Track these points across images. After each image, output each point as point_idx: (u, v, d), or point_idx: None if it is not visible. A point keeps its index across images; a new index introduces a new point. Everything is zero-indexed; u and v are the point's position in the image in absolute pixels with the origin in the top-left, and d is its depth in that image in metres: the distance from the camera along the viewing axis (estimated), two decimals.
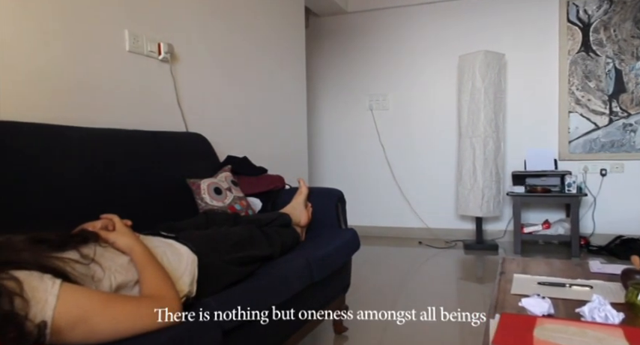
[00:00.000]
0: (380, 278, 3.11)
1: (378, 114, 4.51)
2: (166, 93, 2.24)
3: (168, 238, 1.27)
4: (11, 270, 0.79)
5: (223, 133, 2.60)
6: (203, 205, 1.91)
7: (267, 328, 1.35)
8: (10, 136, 1.38)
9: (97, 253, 1.01)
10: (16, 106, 1.55)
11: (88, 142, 1.63)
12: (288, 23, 3.50)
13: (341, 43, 4.60)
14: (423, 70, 4.34)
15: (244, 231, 1.50)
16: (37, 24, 1.64)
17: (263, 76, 3.13)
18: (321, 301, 1.80)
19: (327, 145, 4.72)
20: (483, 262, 3.51)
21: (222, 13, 2.70)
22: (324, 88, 4.70)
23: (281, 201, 2.12)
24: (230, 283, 1.28)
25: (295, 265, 1.52)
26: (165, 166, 1.92)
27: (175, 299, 1.00)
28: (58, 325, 0.79)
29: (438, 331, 2.14)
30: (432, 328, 2.16)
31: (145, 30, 2.10)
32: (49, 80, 1.68)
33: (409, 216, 4.42)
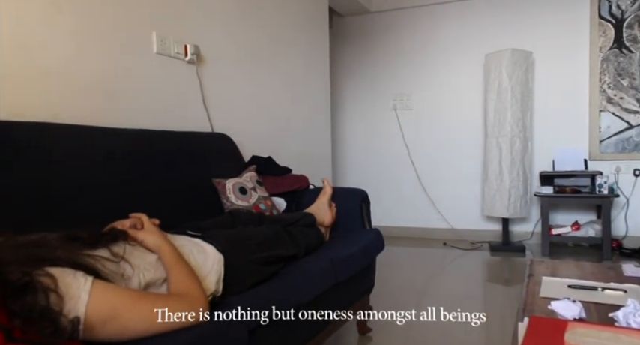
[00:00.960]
0: (404, 279, 3.09)
1: (402, 114, 4.48)
2: (192, 94, 2.28)
3: (195, 237, 1.29)
4: (46, 267, 0.81)
5: (248, 133, 2.63)
6: (228, 204, 1.93)
7: (292, 328, 1.36)
8: (41, 136, 1.42)
9: (126, 251, 1.03)
10: (48, 108, 1.60)
11: (116, 143, 1.67)
12: (313, 24, 3.51)
13: (365, 42, 4.58)
14: (448, 69, 4.29)
15: (269, 231, 1.51)
16: (71, 29, 1.69)
17: (287, 76, 3.15)
18: (346, 301, 1.80)
19: (351, 145, 4.71)
20: (510, 263, 3.45)
21: (247, 15, 2.72)
22: (348, 88, 4.69)
23: (305, 201, 2.13)
24: (255, 282, 1.29)
25: (319, 265, 1.52)
26: (191, 167, 1.94)
27: (202, 298, 1.01)
28: (90, 321, 0.81)
29: (464, 332, 2.11)
30: (457, 329, 2.13)
31: (171, 32, 2.13)
32: (80, 82, 1.72)
33: (433, 216, 4.38)
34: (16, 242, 0.86)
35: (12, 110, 1.47)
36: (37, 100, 1.57)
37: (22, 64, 1.52)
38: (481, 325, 2.23)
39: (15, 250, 0.81)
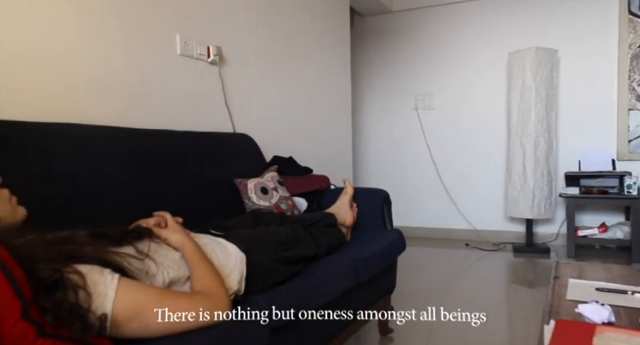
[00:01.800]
0: (426, 280, 3.06)
1: (424, 113, 4.44)
2: (215, 94, 2.30)
3: (217, 237, 1.30)
4: (75, 264, 0.82)
5: (269, 133, 2.64)
6: (250, 204, 1.94)
7: (313, 328, 1.36)
8: (68, 137, 1.46)
9: (151, 249, 1.04)
10: (74, 108, 1.63)
11: (140, 143, 1.70)
12: (333, 23, 3.51)
13: (386, 42, 4.56)
14: (470, 69, 4.24)
15: (291, 230, 1.51)
16: (97, 31, 1.72)
17: (308, 76, 3.15)
18: (367, 301, 1.79)
19: (372, 145, 4.69)
20: (534, 265, 3.39)
21: (268, 15, 2.73)
22: (369, 88, 4.67)
23: (326, 201, 2.13)
24: (277, 282, 1.29)
25: (341, 265, 1.52)
26: (213, 166, 1.97)
27: (225, 296, 1.01)
28: (117, 319, 0.82)
29: (487, 334, 2.08)
30: (480, 331, 2.10)
31: (194, 34, 2.16)
32: (105, 84, 1.75)
33: (455, 217, 4.33)
34: (45, 240, 0.88)
35: (39, 110, 1.51)
36: (63, 101, 1.60)
37: (49, 66, 1.56)
38: (505, 327, 2.20)
39: (45, 248, 0.83)
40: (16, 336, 0.67)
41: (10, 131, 1.31)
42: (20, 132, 1.33)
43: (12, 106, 1.44)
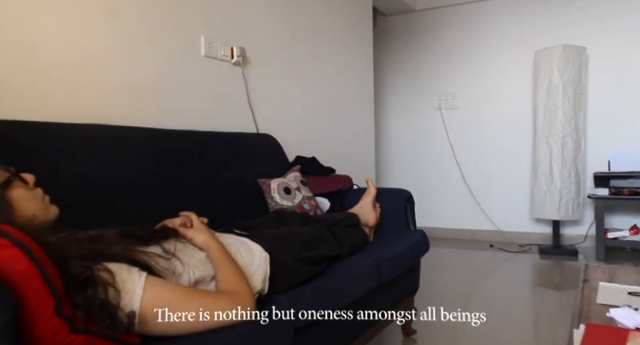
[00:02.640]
0: (450, 281, 3.03)
1: (447, 113, 4.39)
2: (238, 95, 2.32)
3: (241, 236, 1.31)
4: (105, 262, 0.84)
5: (292, 133, 2.65)
6: (273, 204, 1.95)
7: (336, 328, 1.36)
8: (97, 137, 1.49)
9: (177, 249, 1.05)
10: (103, 110, 1.67)
11: (165, 144, 1.72)
12: (356, 23, 3.50)
13: (409, 41, 4.53)
14: (494, 68, 4.17)
15: (314, 230, 1.51)
16: (125, 34, 1.76)
17: (331, 76, 3.15)
18: (390, 302, 1.78)
19: (395, 145, 4.66)
20: (561, 267, 3.32)
21: (291, 16, 2.74)
22: (392, 88, 4.64)
23: (349, 201, 2.12)
24: (300, 281, 1.29)
25: (364, 266, 1.52)
26: (237, 166, 1.98)
27: (250, 296, 1.02)
28: (144, 316, 0.84)
29: (512, 336, 2.04)
30: (505, 333, 2.07)
31: (218, 35, 2.18)
32: (132, 86, 1.79)
33: (479, 218, 4.27)
34: (77, 238, 0.91)
35: (70, 112, 1.54)
36: (92, 101, 1.64)
37: (79, 67, 1.60)
38: (531, 331, 2.16)
39: (77, 246, 0.85)
40: (50, 331, 0.69)
41: (43, 132, 1.35)
42: (52, 133, 1.37)
43: (46, 108, 1.48)
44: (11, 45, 1.41)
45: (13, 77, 1.41)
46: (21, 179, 0.92)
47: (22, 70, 1.43)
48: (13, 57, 1.41)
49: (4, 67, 1.39)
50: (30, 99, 1.46)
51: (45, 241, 0.77)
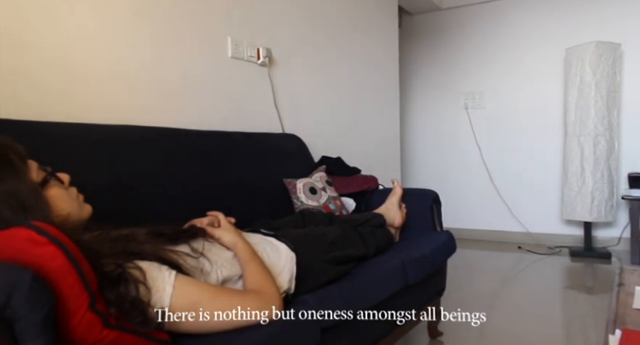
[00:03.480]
0: (477, 283, 2.98)
1: (474, 113, 4.32)
2: (264, 95, 2.34)
3: (268, 236, 1.32)
4: (136, 260, 0.86)
5: (317, 133, 2.65)
6: (299, 204, 1.96)
7: (362, 328, 1.36)
8: (127, 138, 1.53)
9: (205, 248, 1.07)
10: (133, 111, 1.71)
11: (193, 144, 1.75)
12: (382, 23, 3.48)
13: (435, 40, 4.48)
14: (523, 66, 4.09)
15: (340, 230, 1.51)
16: (154, 36, 1.79)
17: (356, 76, 3.15)
18: (416, 303, 1.76)
19: (420, 146, 4.62)
20: (593, 271, 3.22)
21: (316, 16, 2.75)
22: (417, 88, 4.60)
23: (374, 201, 2.11)
24: (327, 281, 1.29)
25: (390, 267, 1.51)
26: (263, 166, 2.00)
27: (277, 295, 1.03)
28: (174, 313, 0.85)
29: (542, 340, 2.00)
30: (534, 336, 2.03)
31: (245, 36, 2.20)
32: (160, 86, 1.82)
33: (507, 219, 4.19)
34: (109, 236, 0.93)
35: (100, 113, 1.59)
36: (122, 103, 1.68)
37: (110, 69, 1.64)
38: (561, 335, 2.11)
39: (110, 244, 0.87)
40: (85, 326, 0.71)
41: (75, 133, 1.39)
42: (83, 133, 1.41)
43: (77, 109, 1.52)
44: (44, 47, 1.46)
45: (45, 79, 1.46)
46: (57, 179, 0.95)
47: (54, 72, 1.48)
48: (46, 59, 1.46)
49: (37, 68, 1.44)
50: (62, 100, 1.50)
51: (79, 239, 0.79)
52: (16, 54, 1.38)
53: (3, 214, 0.79)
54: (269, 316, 0.97)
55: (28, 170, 0.88)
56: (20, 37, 1.39)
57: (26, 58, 1.41)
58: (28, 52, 1.41)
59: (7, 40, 1.36)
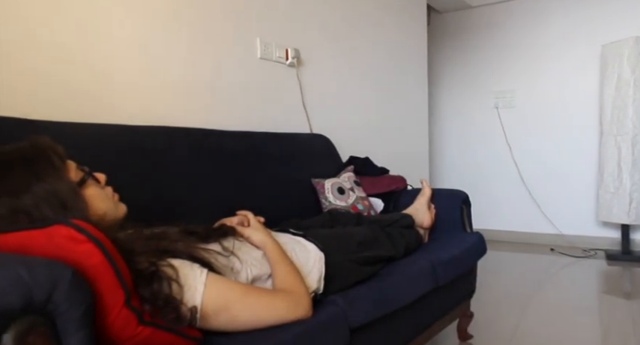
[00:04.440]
0: (508, 285, 2.92)
1: (504, 112, 4.24)
2: (293, 96, 2.35)
3: (296, 236, 1.33)
4: (168, 258, 0.88)
5: (345, 133, 2.65)
6: (327, 204, 1.96)
7: (391, 329, 1.35)
8: (162, 139, 1.56)
9: (235, 247, 1.08)
10: (165, 112, 1.75)
11: (222, 144, 1.77)
12: (410, 22, 3.45)
13: (464, 39, 4.41)
14: (556, 64, 3.98)
15: (368, 231, 1.51)
16: (187, 39, 1.83)
17: (385, 76, 3.13)
18: (445, 305, 1.74)
19: (449, 145, 4.56)
20: (631, 275, 3.11)
21: (344, 15, 2.75)
22: (447, 87, 4.54)
23: (403, 202, 2.10)
24: (355, 281, 1.29)
25: (419, 268, 1.49)
26: (291, 166, 2.01)
27: (306, 295, 1.03)
28: (205, 311, 0.86)
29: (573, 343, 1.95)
30: (567, 342, 1.97)
31: (274, 37, 2.22)
32: (193, 88, 1.86)
33: (539, 220, 4.09)
34: (143, 235, 0.95)
35: (135, 114, 1.63)
36: (155, 104, 1.72)
37: (143, 72, 1.68)
38: (597, 341, 2.04)
39: (143, 242, 0.90)
40: (121, 322, 0.72)
41: (111, 133, 1.43)
42: (119, 134, 1.45)
43: (112, 110, 1.57)
44: (80, 50, 1.50)
45: (81, 81, 1.51)
46: (94, 178, 0.98)
47: (89, 75, 1.52)
48: (81, 62, 1.51)
49: (72, 71, 1.48)
50: (97, 102, 1.55)
51: (115, 237, 0.81)
52: (53, 57, 1.43)
53: (44, 212, 0.82)
54: (299, 316, 0.98)
55: (67, 170, 0.91)
56: (54, 39, 1.44)
57: (61, 61, 1.45)
58: (63, 54, 1.46)
59: (42, 43, 1.41)
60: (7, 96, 1.33)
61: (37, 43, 1.40)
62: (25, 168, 0.85)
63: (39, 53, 1.40)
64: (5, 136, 1.01)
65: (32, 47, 1.39)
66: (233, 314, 0.90)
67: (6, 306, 0.54)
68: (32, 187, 0.83)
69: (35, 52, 1.39)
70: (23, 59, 1.37)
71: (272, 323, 0.95)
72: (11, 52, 1.34)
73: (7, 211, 0.80)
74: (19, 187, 0.82)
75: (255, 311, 0.93)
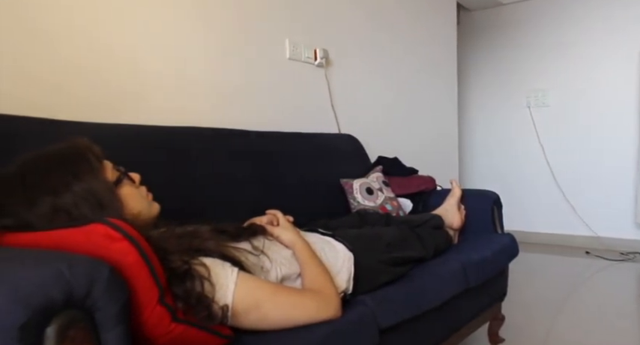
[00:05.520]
0: (541, 288, 2.85)
1: (537, 111, 4.13)
2: (321, 96, 2.36)
3: (326, 236, 1.33)
4: (200, 257, 0.90)
5: (374, 133, 2.64)
6: (355, 204, 1.96)
7: (420, 331, 1.34)
8: (192, 140, 1.59)
9: (265, 246, 1.08)
10: (194, 113, 1.78)
11: (252, 144, 1.79)
12: (439, 21, 3.41)
13: (495, 37, 4.33)
14: (593, 62, 3.85)
15: (397, 231, 1.49)
16: (216, 40, 1.86)
17: (413, 75, 3.10)
18: (476, 308, 1.71)
19: (479, 145, 4.48)
20: None
21: (372, 15, 2.74)
22: (476, 86, 4.47)
23: (432, 203, 2.07)
24: (384, 282, 1.28)
25: (449, 269, 1.47)
26: (320, 166, 2.01)
27: (335, 295, 1.03)
28: (236, 310, 0.87)
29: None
30: None
31: (302, 38, 2.23)
32: (222, 89, 1.88)
33: (573, 222, 3.97)
34: (175, 233, 0.97)
35: (169, 115, 1.66)
36: (187, 105, 1.76)
37: (177, 73, 1.72)
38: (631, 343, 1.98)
39: (176, 241, 0.91)
40: (155, 319, 0.74)
41: (146, 134, 1.46)
42: (153, 135, 1.48)
43: (150, 112, 1.61)
44: (116, 52, 1.55)
45: (120, 82, 1.55)
46: (129, 178, 1.00)
47: (128, 76, 1.57)
48: (121, 63, 1.55)
49: (113, 72, 1.53)
50: (134, 103, 1.59)
51: (149, 236, 0.83)
52: (95, 58, 1.48)
53: (83, 211, 0.84)
54: (328, 316, 0.98)
55: (104, 170, 0.94)
56: (98, 41, 1.49)
57: (103, 62, 1.50)
58: (104, 56, 1.51)
59: (87, 44, 1.46)
60: (59, 97, 1.38)
61: (83, 44, 1.44)
62: (64, 168, 0.87)
63: (85, 53, 1.45)
64: (53, 136, 1.05)
65: (85, 49, 1.45)
66: (263, 313, 0.91)
67: (49, 301, 0.56)
68: (72, 187, 0.85)
69: (88, 53, 1.46)
70: (83, 65, 1.44)
71: (301, 322, 0.95)
72: (73, 57, 1.39)
73: (48, 209, 0.82)
74: (59, 187, 0.85)
75: (285, 310, 0.94)
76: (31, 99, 1.33)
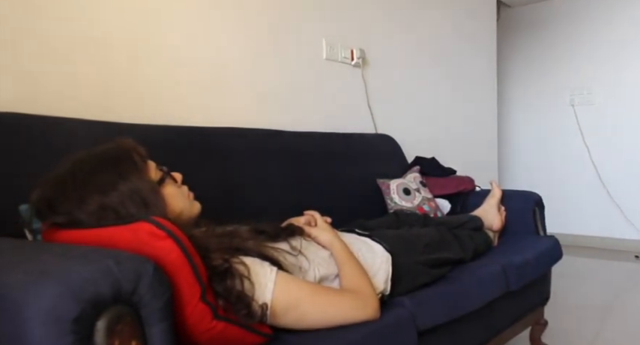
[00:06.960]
0: (586, 293, 2.74)
1: (581, 110, 3.98)
2: (358, 96, 2.35)
3: (363, 236, 1.32)
4: (240, 256, 0.91)
5: (411, 133, 2.61)
6: (392, 204, 1.94)
7: (460, 334, 1.31)
8: (230, 140, 1.62)
9: (302, 246, 1.09)
10: (232, 113, 1.81)
11: (290, 144, 1.81)
12: (478, 17, 3.34)
13: (536, 34, 4.20)
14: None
15: (435, 233, 1.47)
16: (256, 43, 1.89)
17: (451, 74, 3.05)
18: (517, 312, 1.67)
19: (520, 145, 4.36)
20: None
21: (410, 14, 2.71)
22: (517, 84, 4.34)
23: (471, 203, 2.03)
24: (422, 284, 1.27)
25: (489, 272, 1.44)
26: (356, 167, 2.01)
27: (373, 296, 1.03)
28: (275, 309, 0.88)
29: None
30: None
31: (339, 38, 2.23)
32: (259, 90, 1.91)
33: (621, 225, 3.80)
34: (215, 232, 0.99)
35: (207, 116, 1.70)
36: (225, 106, 1.79)
37: (212, 78, 1.75)
38: None
39: (217, 239, 0.93)
40: (197, 316, 0.76)
41: (185, 134, 1.50)
42: (192, 135, 1.52)
43: (188, 113, 1.65)
44: (161, 57, 1.59)
45: (161, 85, 1.60)
46: (172, 178, 1.03)
47: (167, 78, 1.61)
48: (161, 66, 1.60)
49: (158, 77, 1.58)
50: (174, 105, 1.63)
51: (191, 234, 0.85)
52: (137, 62, 1.53)
53: (129, 209, 0.87)
54: (366, 316, 0.98)
55: (148, 170, 0.97)
56: (137, 46, 1.54)
57: (145, 66, 1.55)
58: (145, 60, 1.55)
59: (127, 49, 1.51)
60: (109, 99, 1.44)
61: (124, 48, 1.50)
62: (111, 168, 0.91)
63: (125, 57, 1.50)
64: (96, 137, 1.09)
65: (131, 54, 1.50)
66: (301, 312, 0.92)
67: (99, 295, 0.59)
68: (118, 186, 0.88)
69: (134, 58, 1.51)
70: (127, 68, 1.50)
71: (340, 323, 0.95)
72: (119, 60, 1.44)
73: (97, 207, 0.86)
74: (106, 186, 0.88)
75: (323, 310, 0.94)
76: (83, 100, 1.39)
